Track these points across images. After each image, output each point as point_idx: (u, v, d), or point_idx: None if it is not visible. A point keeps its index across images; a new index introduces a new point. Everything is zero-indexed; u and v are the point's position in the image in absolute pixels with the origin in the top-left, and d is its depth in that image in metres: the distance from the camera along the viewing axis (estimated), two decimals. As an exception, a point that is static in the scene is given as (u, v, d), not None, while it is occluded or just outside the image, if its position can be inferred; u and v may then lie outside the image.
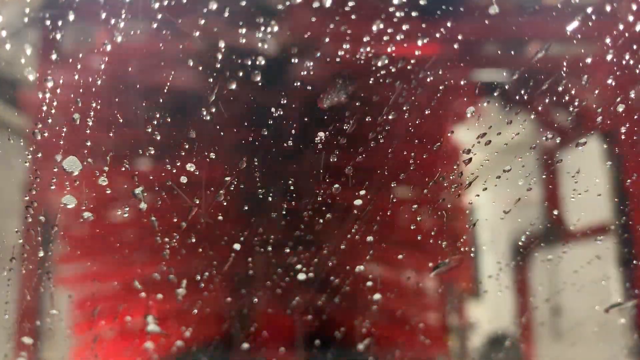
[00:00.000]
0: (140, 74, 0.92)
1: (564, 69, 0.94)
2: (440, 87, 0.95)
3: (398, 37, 0.89)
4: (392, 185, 1.04)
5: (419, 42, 0.90)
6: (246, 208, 1.11)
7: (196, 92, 0.94)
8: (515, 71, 0.95)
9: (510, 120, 0.97)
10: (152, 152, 0.97)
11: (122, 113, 0.93)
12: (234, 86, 0.92)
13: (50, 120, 0.91)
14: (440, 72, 0.94)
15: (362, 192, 1.04)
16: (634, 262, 1.19)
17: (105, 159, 0.96)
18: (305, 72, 0.93)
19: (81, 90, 0.90)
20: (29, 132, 0.92)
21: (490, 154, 0.99)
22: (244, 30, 0.88)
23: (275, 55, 0.91)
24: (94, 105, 0.92)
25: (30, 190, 0.96)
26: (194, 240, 1.09)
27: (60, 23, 0.86)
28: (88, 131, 0.93)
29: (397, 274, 1.24)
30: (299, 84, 0.93)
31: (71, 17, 0.86)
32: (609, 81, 0.95)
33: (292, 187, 1.07)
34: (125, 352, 1.21)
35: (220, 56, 0.89)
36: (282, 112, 0.96)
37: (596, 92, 0.96)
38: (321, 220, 1.09)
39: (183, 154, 0.97)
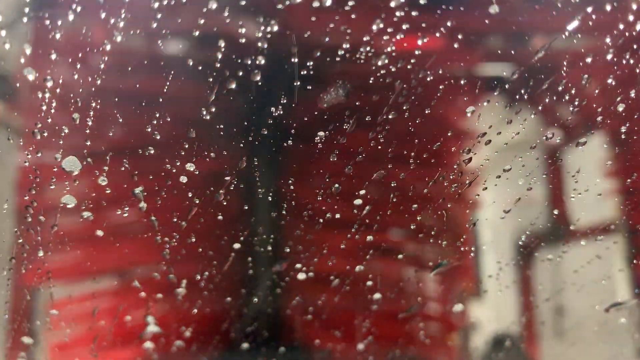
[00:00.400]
0: (140, 74, 0.92)
1: (564, 68, 0.94)
2: (440, 87, 0.95)
3: (398, 37, 0.89)
4: (392, 185, 1.04)
5: (419, 42, 0.90)
6: (246, 208, 1.11)
7: (196, 92, 0.94)
8: (515, 70, 0.95)
9: (510, 120, 0.97)
10: (152, 152, 0.97)
11: (122, 113, 0.93)
12: (234, 86, 0.92)
13: (50, 120, 0.91)
14: (440, 72, 0.94)
15: (362, 192, 1.04)
16: (634, 261, 1.19)
17: (105, 159, 0.96)
18: (305, 72, 0.93)
19: (81, 90, 0.90)
20: (29, 132, 0.92)
21: (490, 154, 1.00)
22: (244, 30, 0.88)
23: (275, 55, 0.91)
24: (94, 105, 0.92)
25: (30, 190, 0.96)
26: (194, 240, 1.09)
27: (60, 22, 0.86)
28: (88, 131, 0.93)
29: (397, 274, 1.24)
30: (299, 84, 0.94)
31: (71, 16, 0.86)
32: (609, 81, 0.95)
33: (292, 187, 1.07)
34: (125, 352, 1.21)
35: (220, 56, 0.89)
36: (282, 112, 0.96)
37: (596, 91, 0.96)
38: (321, 220, 1.09)
39: (183, 154, 0.97)
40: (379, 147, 0.98)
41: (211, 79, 0.92)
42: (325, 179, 1.03)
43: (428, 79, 0.93)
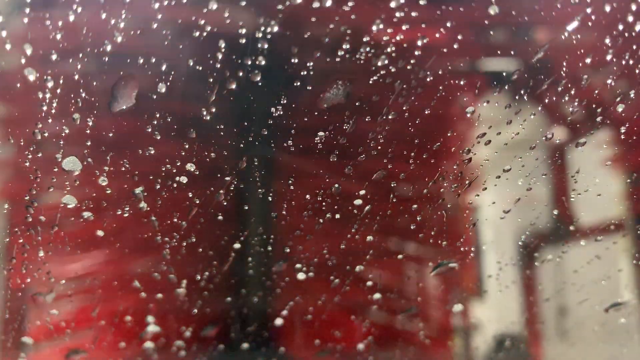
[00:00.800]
0: (139, 74, 0.92)
1: (564, 68, 0.94)
2: (440, 87, 0.95)
3: (398, 37, 0.89)
4: (392, 185, 1.04)
5: (419, 42, 0.90)
6: (246, 208, 1.11)
7: (196, 92, 0.94)
8: (515, 71, 0.95)
9: (510, 120, 0.97)
10: (152, 152, 0.97)
11: (123, 113, 0.93)
12: (234, 86, 0.92)
13: (50, 120, 0.91)
14: (440, 72, 0.94)
15: (362, 192, 1.04)
16: (634, 261, 1.19)
17: (105, 159, 0.96)
18: (305, 72, 0.93)
19: (81, 90, 0.90)
20: (29, 132, 0.92)
21: (490, 154, 1.00)
22: (244, 30, 0.88)
23: (275, 55, 0.91)
24: (94, 105, 0.92)
25: (30, 190, 0.96)
26: (194, 240, 1.09)
27: (60, 23, 0.86)
28: (88, 131, 0.93)
29: (397, 274, 1.24)
30: (299, 84, 0.94)
31: (71, 17, 0.86)
32: (609, 81, 0.95)
33: (292, 187, 1.07)
34: (125, 352, 1.21)
35: (220, 56, 0.89)
36: (282, 112, 0.96)
37: (596, 91, 0.96)
38: (321, 220, 1.09)
39: (183, 154, 0.97)
40: (379, 147, 0.98)
41: (211, 79, 0.92)
42: (325, 179, 1.03)
43: (428, 79, 0.93)
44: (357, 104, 0.95)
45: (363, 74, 0.93)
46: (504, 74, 0.97)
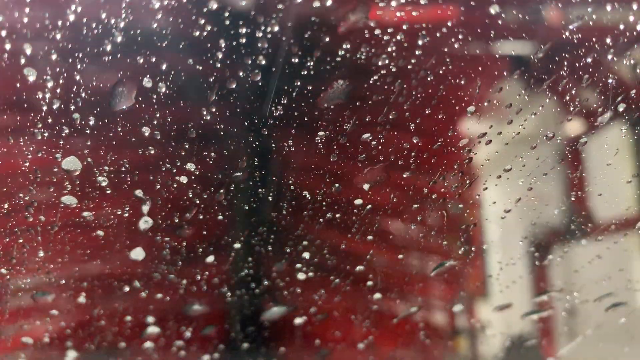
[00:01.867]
0: (140, 74, 0.92)
1: (565, 68, 0.94)
2: (441, 87, 0.95)
3: (398, 37, 0.89)
4: (393, 185, 1.04)
5: (420, 42, 0.90)
6: (246, 208, 1.11)
7: (196, 92, 0.94)
8: (515, 71, 0.95)
9: (511, 120, 0.97)
10: (152, 152, 0.97)
11: (122, 113, 0.93)
12: (234, 86, 0.92)
13: (50, 120, 0.91)
14: (440, 72, 0.94)
15: (362, 192, 1.04)
16: (634, 261, 1.19)
17: (106, 159, 0.96)
18: (305, 72, 0.93)
19: (81, 90, 0.90)
20: (29, 132, 0.92)
21: (490, 154, 0.99)
22: (244, 30, 0.88)
23: (275, 55, 0.91)
24: (94, 105, 0.91)
25: (30, 190, 0.96)
26: (193, 240, 1.09)
27: (60, 23, 0.86)
28: (88, 131, 0.93)
29: (397, 274, 1.24)
30: (298, 84, 0.93)
31: (71, 17, 0.86)
32: (609, 81, 0.95)
33: (292, 187, 1.07)
34: (125, 352, 1.21)
35: (220, 56, 0.89)
36: (282, 112, 0.96)
37: (596, 92, 0.96)
38: (321, 220, 1.09)
39: (183, 154, 0.97)
40: (379, 147, 0.98)
41: (211, 79, 0.92)
42: (325, 179, 1.03)
43: (428, 79, 0.93)
44: (357, 104, 0.95)
45: (363, 74, 0.93)
46: (505, 73, 0.97)
